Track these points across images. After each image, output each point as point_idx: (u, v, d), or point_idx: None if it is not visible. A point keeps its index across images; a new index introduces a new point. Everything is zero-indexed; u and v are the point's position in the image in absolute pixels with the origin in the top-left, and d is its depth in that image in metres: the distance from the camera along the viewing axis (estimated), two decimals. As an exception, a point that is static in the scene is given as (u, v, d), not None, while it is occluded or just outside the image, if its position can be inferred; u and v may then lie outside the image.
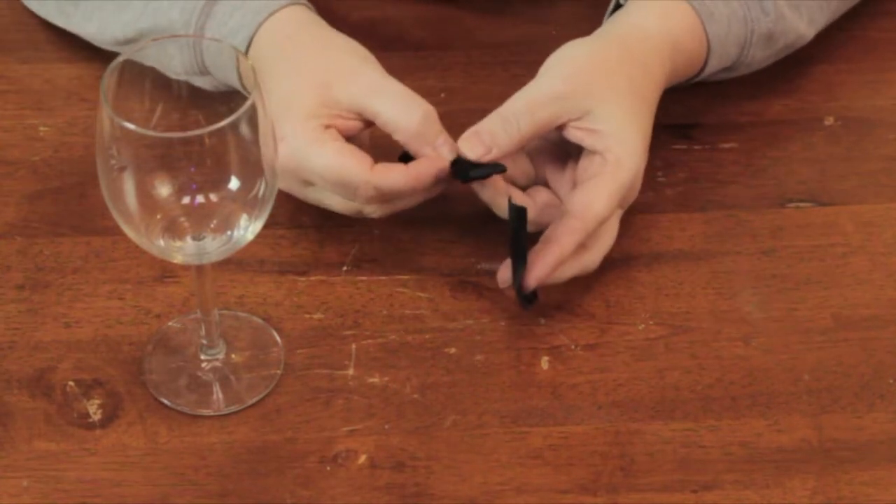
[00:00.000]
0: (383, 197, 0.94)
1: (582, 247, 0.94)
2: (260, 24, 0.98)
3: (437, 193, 0.96)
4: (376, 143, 0.97)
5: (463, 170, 0.94)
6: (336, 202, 0.96)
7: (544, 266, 0.92)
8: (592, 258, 0.96)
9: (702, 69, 1.03)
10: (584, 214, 0.93)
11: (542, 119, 0.94)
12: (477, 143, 0.93)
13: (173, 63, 0.92)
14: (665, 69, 0.99)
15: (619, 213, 0.97)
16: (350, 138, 0.95)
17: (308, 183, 0.95)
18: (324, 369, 0.94)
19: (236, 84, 0.91)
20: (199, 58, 0.97)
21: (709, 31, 1.01)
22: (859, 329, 0.96)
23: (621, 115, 0.95)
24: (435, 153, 0.94)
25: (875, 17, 1.16)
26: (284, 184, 0.96)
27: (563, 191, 0.97)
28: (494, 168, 0.94)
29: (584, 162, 0.96)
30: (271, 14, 0.98)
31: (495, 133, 0.93)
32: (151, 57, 0.85)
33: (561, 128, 0.95)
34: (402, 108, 0.94)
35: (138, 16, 1.02)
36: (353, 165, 0.92)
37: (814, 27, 1.08)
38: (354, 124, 0.95)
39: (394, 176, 0.93)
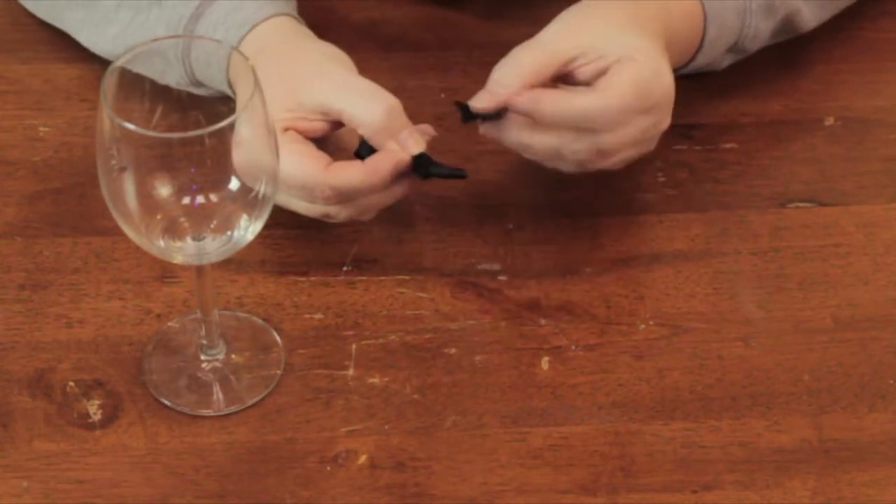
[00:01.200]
0: (342, 196, 0.92)
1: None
2: (242, 38, 0.97)
3: (402, 194, 0.95)
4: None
5: (423, 166, 0.93)
6: (301, 206, 0.94)
7: (551, 98, 0.92)
8: (602, 102, 0.93)
9: (702, 38, 1.01)
10: (604, 89, 0.92)
11: (542, 57, 0.93)
12: (485, 95, 0.93)
13: (165, 76, 0.92)
14: (660, 13, 0.98)
15: (645, 122, 0.95)
16: (320, 140, 0.94)
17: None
18: (324, 369, 0.94)
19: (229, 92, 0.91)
20: (189, 72, 0.97)
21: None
22: (859, 329, 0.96)
23: (622, 35, 0.94)
24: (397, 147, 0.93)
25: (875, 17, 1.16)
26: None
27: None
28: (456, 172, 0.93)
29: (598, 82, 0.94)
30: (253, 27, 0.98)
31: (500, 78, 0.93)
32: (141, 70, 0.85)
33: (572, 77, 0.94)
34: (364, 103, 0.93)
35: (123, 30, 1.02)
36: (306, 165, 0.91)
37: (810, 6, 1.07)
38: (319, 125, 0.94)
39: (349, 173, 0.92)
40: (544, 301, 0.97)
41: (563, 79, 0.95)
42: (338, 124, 0.95)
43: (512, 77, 0.93)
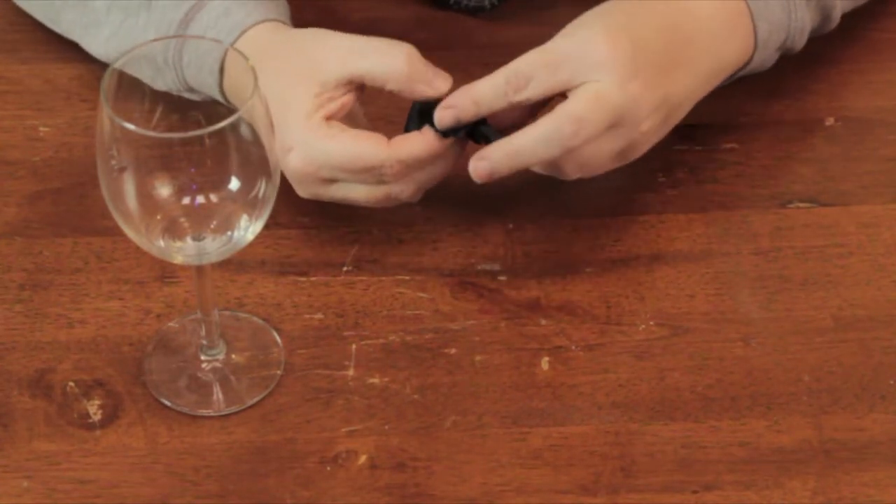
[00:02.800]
0: (408, 169, 0.93)
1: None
2: (232, 43, 0.97)
3: (455, 161, 0.95)
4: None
5: (476, 127, 0.94)
6: (362, 192, 0.95)
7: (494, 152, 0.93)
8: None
9: (755, 40, 1.01)
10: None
11: (551, 79, 0.93)
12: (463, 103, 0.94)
13: (157, 82, 0.92)
14: (704, 39, 0.98)
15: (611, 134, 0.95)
16: (349, 116, 0.95)
17: (330, 181, 0.94)
18: (324, 370, 0.94)
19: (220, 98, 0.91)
20: (181, 79, 0.97)
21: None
22: (859, 329, 0.96)
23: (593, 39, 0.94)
24: (431, 89, 0.93)
25: (875, 17, 1.16)
26: (307, 190, 0.95)
27: None
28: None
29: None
30: (243, 32, 0.97)
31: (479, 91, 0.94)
32: (134, 74, 0.85)
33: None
34: (383, 58, 0.93)
35: (115, 33, 1.02)
36: (371, 146, 0.92)
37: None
38: (348, 98, 0.94)
39: (412, 143, 0.93)
40: (544, 301, 0.97)
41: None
42: (359, 90, 0.95)
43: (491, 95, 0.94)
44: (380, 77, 0.93)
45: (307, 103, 0.93)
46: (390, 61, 0.93)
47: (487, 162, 0.94)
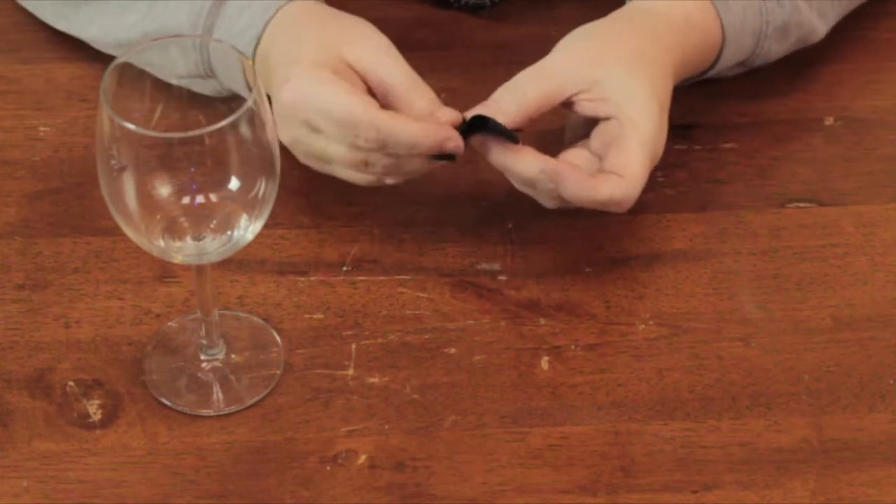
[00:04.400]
0: (384, 145, 0.91)
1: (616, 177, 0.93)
2: (268, 21, 0.97)
3: (439, 163, 0.94)
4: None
5: (477, 124, 0.93)
6: (339, 152, 0.93)
7: (573, 177, 0.91)
8: (627, 190, 0.93)
9: (717, 58, 1.02)
10: (624, 171, 0.92)
11: (547, 88, 0.94)
12: (482, 110, 0.93)
13: (177, 66, 0.92)
14: (677, 40, 0.98)
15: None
16: None
17: (313, 129, 0.93)
18: (324, 369, 0.94)
19: (241, 89, 0.91)
20: (205, 60, 0.97)
21: (724, 19, 1.00)
22: (859, 329, 0.96)
23: (628, 79, 0.94)
24: (431, 106, 0.93)
25: (875, 17, 1.17)
26: (289, 133, 0.94)
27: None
28: (509, 132, 0.92)
29: (598, 131, 0.95)
30: (279, 9, 0.98)
31: (500, 100, 0.93)
32: (153, 59, 0.85)
33: (571, 105, 0.95)
34: (412, 91, 0.93)
35: (142, 18, 1.02)
36: (359, 105, 0.91)
37: (825, 23, 1.08)
38: (359, 83, 0.94)
39: (399, 123, 0.91)
40: (544, 301, 0.97)
41: (561, 104, 0.95)
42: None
43: (513, 106, 0.93)
44: (397, 99, 0.93)
45: (321, 59, 0.93)
46: (415, 96, 0.93)
47: (553, 174, 0.92)
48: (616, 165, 0.93)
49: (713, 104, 1.10)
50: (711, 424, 0.91)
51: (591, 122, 0.96)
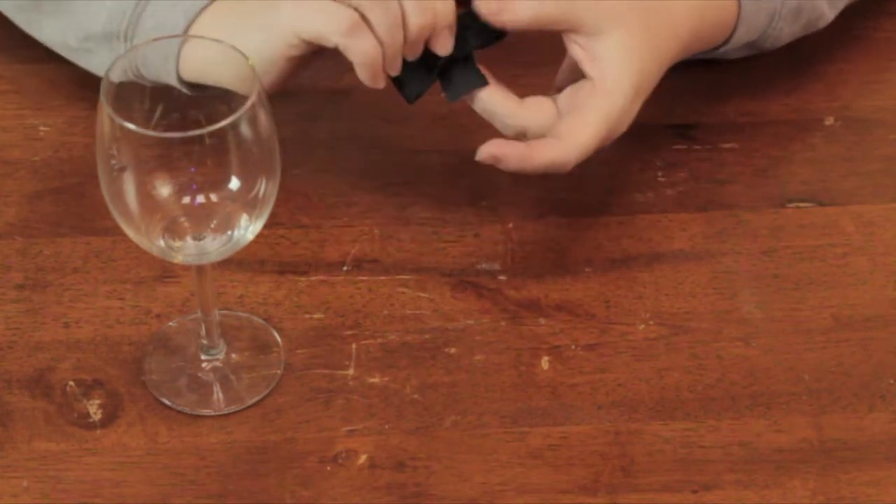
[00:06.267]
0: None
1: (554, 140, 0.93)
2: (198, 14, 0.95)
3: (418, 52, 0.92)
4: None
5: (464, 26, 0.92)
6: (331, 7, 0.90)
7: (509, 154, 0.92)
8: (564, 154, 0.93)
9: (728, 37, 1.02)
10: (568, 139, 0.92)
11: (553, 7, 0.93)
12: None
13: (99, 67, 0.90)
14: (692, 23, 0.98)
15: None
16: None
17: None
18: (324, 369, 0.94)
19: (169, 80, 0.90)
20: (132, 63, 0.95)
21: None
22: (859, 329, 0.96)
23: (626, 52, 0.93)
24: None
25: (875, 17, 1.17)
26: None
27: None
28: (478, 78, 0.93)
29: (572, 90, 0.95)
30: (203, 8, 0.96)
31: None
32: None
33: (566, 38, 0.94)
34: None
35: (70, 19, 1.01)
36: None
37: (834, 9, 1.08)
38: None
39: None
40: (544, 301, 0.97)
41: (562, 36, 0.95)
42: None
43: (529, 10, 0.92)
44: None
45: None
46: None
47: (493, 155, 0.93)
48: (563, 129, 0.92)
49: (713, 104, 1.10)
50: (711, 424, 0.91)
51: (579, 73, 0.95)
